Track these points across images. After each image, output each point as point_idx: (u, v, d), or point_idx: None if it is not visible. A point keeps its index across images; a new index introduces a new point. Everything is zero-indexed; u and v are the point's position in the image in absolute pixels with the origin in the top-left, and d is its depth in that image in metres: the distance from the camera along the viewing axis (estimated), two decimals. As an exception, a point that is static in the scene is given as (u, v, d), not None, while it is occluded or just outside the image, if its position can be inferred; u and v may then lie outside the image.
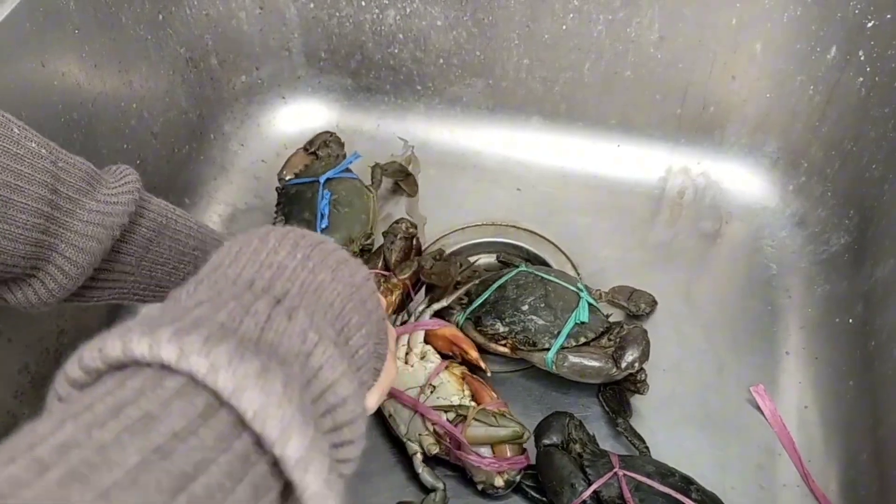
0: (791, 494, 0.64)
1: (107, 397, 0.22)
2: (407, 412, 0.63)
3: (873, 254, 0.70)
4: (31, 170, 0.41)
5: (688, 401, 0.69)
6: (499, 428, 0.59)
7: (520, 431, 0.59)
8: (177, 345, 0.22)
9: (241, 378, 0.22)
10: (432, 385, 0.63)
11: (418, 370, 0.65)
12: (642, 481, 0.57)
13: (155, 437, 0.20)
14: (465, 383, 0.64)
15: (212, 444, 0.21)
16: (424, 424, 0.62)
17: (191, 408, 0.22)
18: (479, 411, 0.60)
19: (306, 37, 0.89)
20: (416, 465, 0.62)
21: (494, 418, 0.60)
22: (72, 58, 0.65)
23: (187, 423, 0.21)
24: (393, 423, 0.64)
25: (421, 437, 0.62)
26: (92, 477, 0.19)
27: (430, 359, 0.66)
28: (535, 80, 0.86)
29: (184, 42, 0.81)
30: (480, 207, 0.85)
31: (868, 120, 0.73)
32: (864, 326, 0.68)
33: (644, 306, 0.73)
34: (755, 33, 0.76)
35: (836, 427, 0.67)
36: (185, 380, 0.23)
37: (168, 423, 0.21)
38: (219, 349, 0.23)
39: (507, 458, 0.59)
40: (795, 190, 0.82)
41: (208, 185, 0.87)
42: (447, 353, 0.67)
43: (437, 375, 0.63)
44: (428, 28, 0.84)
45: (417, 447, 0.62)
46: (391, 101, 0.92)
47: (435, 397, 0.62)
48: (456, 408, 0.61)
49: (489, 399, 0.62)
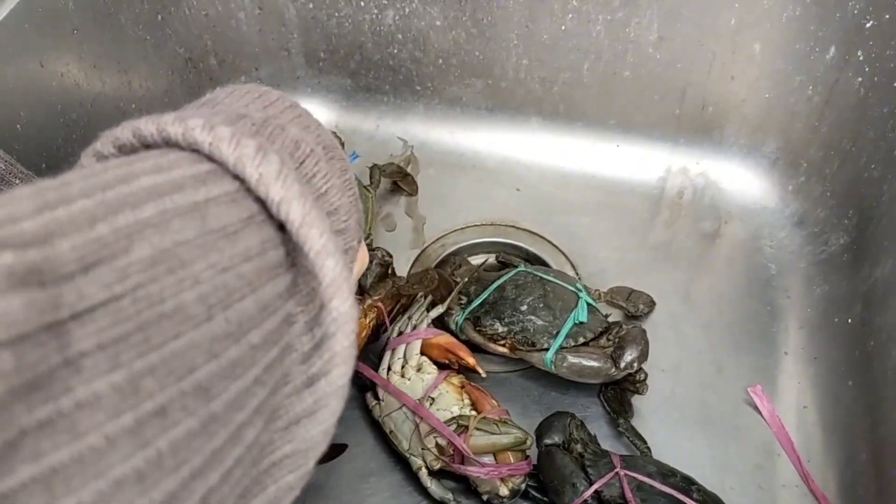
0: (790, 495, 0.64)
1: (147, 160, 0.24)
2: (408, 427, 0.62)
3: (872, 254, 0.70)
4: None
5: (687, 401, 0.69)
6: (501, 435, 0.59)
7: (522, 438, 0.59)
8: (209, 132, 0.25)
9: (266, 168, 0.25)
10: (431, 397, 0.62)
11: (415, 382, 0.64)
12: (644, 481, 0.57)
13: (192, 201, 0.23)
14: (464, 392, 0.63)
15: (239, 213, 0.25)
16: (426, 438, 0.61)
17: (220, 185, 0.25)
18: (480, 420, 0.59)
19: (305, 37, 0.89)
20: (422, 479, 0.61)
21: (496, 426, 0.59)
22: (71, 58, 0.65)
23: (220, 193, 0.24)
24: (395, 440, 0.63)
25: (424, 452, 0.61)
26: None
27: (427, 370, 0.65)
28: (535, 81, 0.86)
29: (183, 42, 0.81)
30: (480, 207, 0.85)
31: (867, 120, 0.73)
32: (864, 326, 0.68)
33: (642, 307, 0.73)
34: (754, 33, 0.76)
35: (835, 427, 0.67)
36: (214, 166, 0.25)
37: (203, 190, 0.24)
38: (246, 141, 0.25)
39: (508, 465, 0.59)
40: (794, 190, 0.82)
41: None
42: (443, 362, 0.66)
43: (435, 388, 0.63)
44: (427, 28, 0.84)
45: (421, 462, 0.62)
46: (390, 102, 0.92)
47: (434, 409, 0.61)
48: (457, 418, 0.60)
49: (489, 407, 0.61)
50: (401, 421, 0.63)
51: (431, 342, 0.66)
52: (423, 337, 0.66)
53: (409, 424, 0.62)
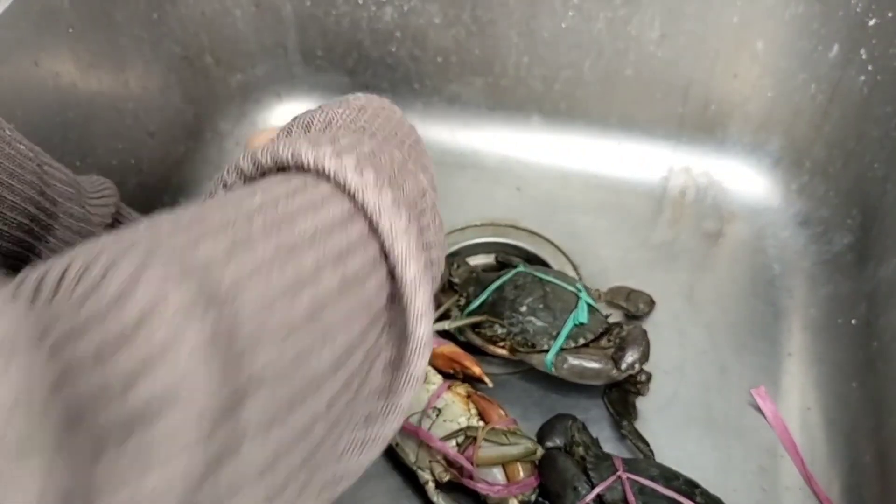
0: (793, 497, 0.63)
1: (280, 185, 0.27)
2: (414, 440, 0.61)
3: (877, 254, 0.70)
4: (22, 169, 0.42)
5: (689, 402, 0.68)
6: (510, 446, 0.58)
7: (532, 448, 0.58)
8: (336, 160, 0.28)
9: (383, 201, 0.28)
10: (437, 408, 0.61)
11: (421, 393, 0.62)
12: (646, 485, 0.57)
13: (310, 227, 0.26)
14: (470, 402, 0.62)
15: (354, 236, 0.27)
16: (433, 451, 0.60)
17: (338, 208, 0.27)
18: (488, 431, 0.58)
19: (302, 34, 0.88)
20: (430, 494, 0.60)
21: (505, 437, 0.58)
22: (66, 57, 0.64)
23: (357, 237, 0.27)
24: (401, 453, 0.62)
25: (431, 465, 0.60)
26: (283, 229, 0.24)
27: (432, 380, 0.63)
28: (535, 79, 0.85)
29: (179, 40, 0.81)
30: (479, 207, 0.84)
31: (871, 118, 0.72)
32: (868, 327, 0.68)
33: (642, 306, 0.73)
34: (757, 31, 0.76)
35: (838, 429, 0.66)
36: (352, 204, 0.28)
37: (346, 235, 0.26)
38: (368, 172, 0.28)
39: (517, 483, 0.58)
40: (798, 189, 0.81)
41: (204, 184, 0.86)
42: (448, 372, 0.64)
43: (438, 398, 0.61)
44: (426, 26, 0.84)
45: (429, 475, 0.60)
46: (389, 100, 0.91)
47: (441, 420, 0.60)
48: (465, 429, 0.59)
49: (497, 417, 0.60)
50: (406, 433, 0.62)
51: (436, 352, 0.64)
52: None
53: (414, 438, 0.61)
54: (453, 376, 0.64)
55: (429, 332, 0.29)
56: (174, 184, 0.83)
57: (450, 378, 0.64)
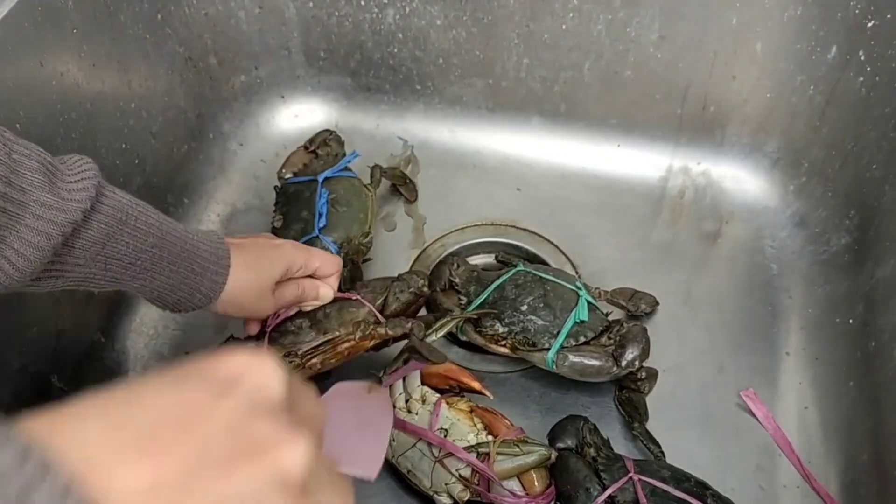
0: (791, 495, 0.63)
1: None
2: (427, 464, 0.59)
3: (874, 254, 0.70)
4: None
5: (688, 401, 0.69)
6: (525, 456, 0.57)
7: (546, 454, 0.57)
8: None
9: None
10: (444, 429, 0.59)
11: (423, 416, 0.60)
12: (658, 486, 0.57)
13: None
14: (475, 417, 0.60)
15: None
16: (449, 472, 0.58)
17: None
18: (500, 444, 0.57)
19: (305, 36, 0.89)
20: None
21: (518, 447, 0.57)
22: (70, 57, 0.65)
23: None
24: (415, 479, 0.60)
25: (448, 487, 0.58)
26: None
27: (431, 400, 0.61)
28: (535, 80, 0.86)
29: (183, 41, 0.81)
30: (480, 207, 0.85)
31: (869, 120, 0.73)
32: (865, 327, 0.68)
33: (645, 307, 0.73)
34: (755, 33, 0.76)
35: (836, 428, 0.67)
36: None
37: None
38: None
39: (542, 494, 0.57)
40: (796, 190, 0.82)
41: (207, 185, 0.87)
42: (445, 389, 0.63)
43: (437, 415, 0.60)
44: (427, 27, 0.84)
45: (447, 499, 0.59)
46: (391, 101, 0.92)
47: (450, 440, 0.59)
48: (476, 446, 0.58)
49: (505, 429, 0.59)
50: (418, 458, 0.60)
51: (430, 371, 0.63)
52: (420, 367, 0.63)
53: (427, 461, 0.59)
54: (450, 391, 0.63)
55: None
56: (178, 183, 0.83)
57: (446, 393, 0.62)
